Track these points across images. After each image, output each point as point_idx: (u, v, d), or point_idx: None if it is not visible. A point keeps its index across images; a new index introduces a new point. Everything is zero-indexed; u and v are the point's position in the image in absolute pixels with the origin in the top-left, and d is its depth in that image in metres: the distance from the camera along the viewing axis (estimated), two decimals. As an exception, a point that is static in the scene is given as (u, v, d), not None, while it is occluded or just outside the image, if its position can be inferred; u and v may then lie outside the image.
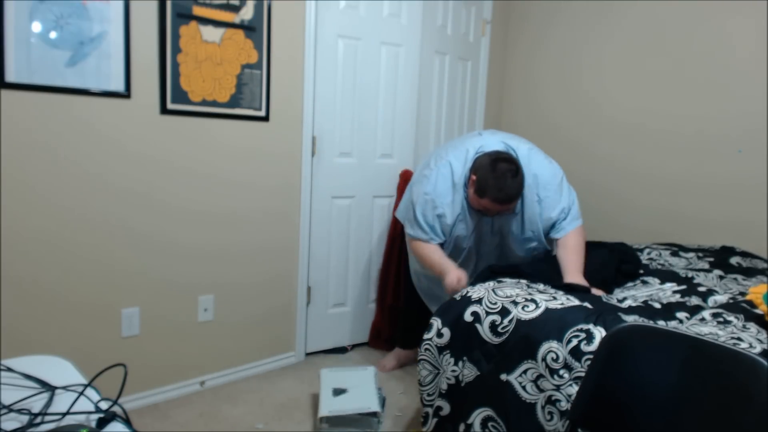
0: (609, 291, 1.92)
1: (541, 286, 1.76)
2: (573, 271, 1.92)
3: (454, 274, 1.93)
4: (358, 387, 2.16)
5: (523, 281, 1.80)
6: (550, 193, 2.05)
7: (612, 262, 2.05)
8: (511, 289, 1.69)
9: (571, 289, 1.74)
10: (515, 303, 1.59)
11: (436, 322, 1.68)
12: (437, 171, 2.09)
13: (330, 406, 2.04)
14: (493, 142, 2.09)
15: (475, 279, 1.92)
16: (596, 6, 3.14)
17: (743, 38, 2.63)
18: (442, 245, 2.13)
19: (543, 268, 1.97)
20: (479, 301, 1.64)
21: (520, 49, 3.54)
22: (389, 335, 2.89)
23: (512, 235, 2.15)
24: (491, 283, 1.75)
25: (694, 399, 1.05)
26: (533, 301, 1.59)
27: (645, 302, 1.75)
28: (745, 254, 2.42)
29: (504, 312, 1.57)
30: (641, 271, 2.08)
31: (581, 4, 3.21)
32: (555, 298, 1.61)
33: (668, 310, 1.64)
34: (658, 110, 2.94)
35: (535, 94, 3.48)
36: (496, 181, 1.91)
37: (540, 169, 2.05)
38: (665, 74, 2.90)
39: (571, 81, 3.29)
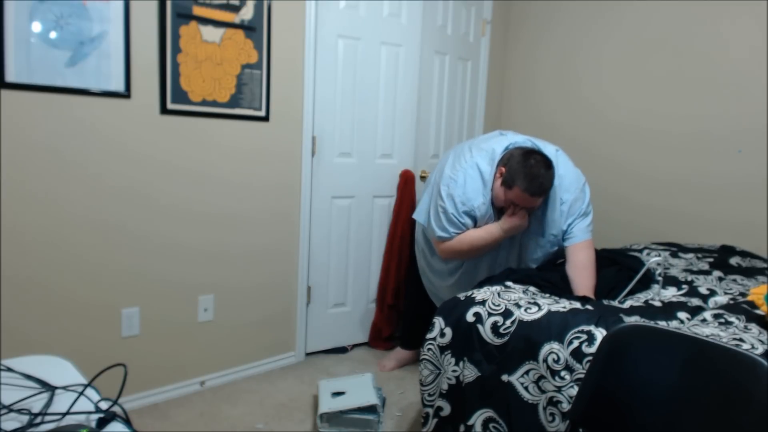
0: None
1: (548, 296, 1.72)
2: (584, 292, 1.87)
3: (507, 220, 1.97)
4: (357, 388, 2.17)
5: (532, 289, 1.77)
6: (572, 196, 2.01)
7: (623, 282, 1.95)
8: (516, 294, 1.69)
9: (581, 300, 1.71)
10: (518, 306, 1.59)
11: (439, 322, 1.68)
12: (464, 173, 2.01)
13: (329, 404, 2.05)
14: (521, 140, 2.05)
15: (491, 279, 1.87)
16: (596, 6, 3.14)
17: (743, 38, 2.63)
18: None
19: (555, 280, 1.92)
20: (483, 302, 1.64)
21: (520, 49, 3.54)
22: (389, 335, 2.90)
23: (532, 238, 2.09)
24: (497, 288, 1.74)
25: (694, 399, 1.04)
26: (536, 303, 1.59)
27: (646, 302, 1.75)
28: (744, 254, 2.43)
29: (507, 314, 1.57)
30: (653, 286, 1.97)
31: (581, 4, 3.21)
32: (557, 302, 1.61)
33: (669, 310, 1.64)
34: (657, 110, 2.94)
35: (534, 94, 3.48)
36: (528, 170, 1.86)
37: (566, 171, 2.02)
38: (665, 74, 2.90)
39: (570, 81, 3.29)
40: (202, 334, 2.36)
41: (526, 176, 1.85)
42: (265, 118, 2.42)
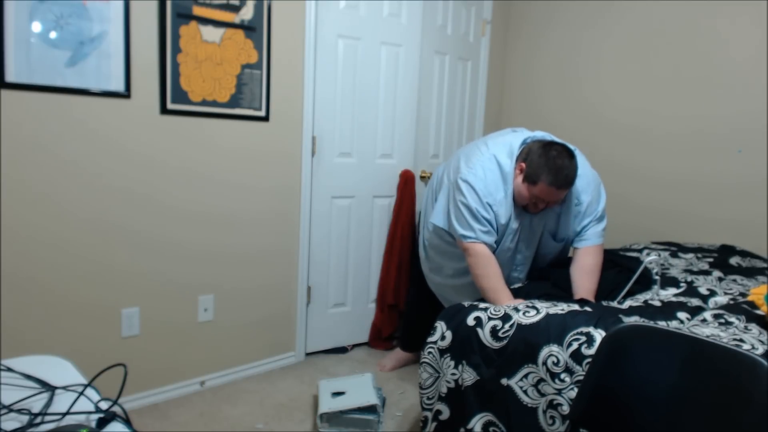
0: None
1: (545, 301, 1.72)
2: (584, 294, 1.85)
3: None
4: (357, 388, 2.17)
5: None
6: (589, 197, 1.96)
7: (623, 284, 1.93)
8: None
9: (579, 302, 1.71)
10: (517, 309, 1.60)
11: (441, 326, 1.68)
12: (482, 165, 1.90)
13: (329, 404, 2.05)
14: (539, 135, 1.98)
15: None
16: (596, 6, 3.14)
17: (743, 38, 2.63)
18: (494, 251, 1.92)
19: (550, 291, 1.90)
20: (485, 309, 1.65)
21: (520, 49, 3.54)
22: (389, 335, 2.90)
23: (548, 237, 2.03)
24: None
25: (694, 399, 1.04)
26: (534, 307, 1.60)
27: (645, 302, 1.75)
28: (744, 253, 2.43)
29: (505, 318, 1.58)
30: (653, 287, 1.97)
31: (581, 4, 3.21)
32: (555, 305, 1.62)
33: (669, 310, 1.64)
34: (657, 110, 2.94)
35: (534, 94, 3.48)
36: (552, 162, 1.76)
37: (583, 171, 1.94)
38: (665, 74, 2.90)
39: (570, 81, 3.29)
40: (202, 334, 2.36)
41: (551, 169, 1.76)
42: (265, 118, 2.42)
